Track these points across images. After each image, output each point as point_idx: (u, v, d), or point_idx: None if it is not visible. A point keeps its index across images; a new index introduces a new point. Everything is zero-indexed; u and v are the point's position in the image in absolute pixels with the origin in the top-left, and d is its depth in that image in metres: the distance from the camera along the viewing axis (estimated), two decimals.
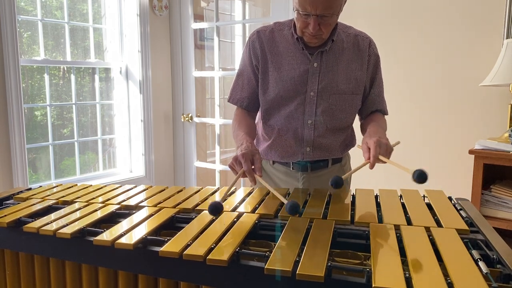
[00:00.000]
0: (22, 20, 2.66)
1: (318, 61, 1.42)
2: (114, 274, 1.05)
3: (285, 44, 1.45)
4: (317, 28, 1.30)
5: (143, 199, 1.33)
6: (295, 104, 1.45)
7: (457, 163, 2.28)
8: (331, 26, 1.33)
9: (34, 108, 2.79)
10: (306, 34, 1.35)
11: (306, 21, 1.30)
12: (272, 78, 1.46)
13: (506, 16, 2.08)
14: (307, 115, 1.45)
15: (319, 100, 1.44)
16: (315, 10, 1.26)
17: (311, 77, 1.42)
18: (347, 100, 1.46)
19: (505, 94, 2.10)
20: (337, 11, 1.30)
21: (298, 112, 1.45)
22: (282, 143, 1.50)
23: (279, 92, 1.45)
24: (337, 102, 1.45)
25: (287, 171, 1.54)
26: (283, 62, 1.45)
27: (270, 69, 1.46)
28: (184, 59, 3.28)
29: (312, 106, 1.44)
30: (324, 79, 1.42)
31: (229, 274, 0.89)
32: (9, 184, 2.50)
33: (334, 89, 1.43)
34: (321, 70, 1.42)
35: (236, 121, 1.51)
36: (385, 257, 0.84)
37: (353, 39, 1.47)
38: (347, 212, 1.13)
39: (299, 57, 1.43)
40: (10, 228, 1.18)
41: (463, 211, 1.13)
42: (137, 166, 3.24)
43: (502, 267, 0.83)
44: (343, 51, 1.44)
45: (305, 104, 1.44)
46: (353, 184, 1.68)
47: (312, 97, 1.43)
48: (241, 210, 1.19)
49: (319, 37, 1.35)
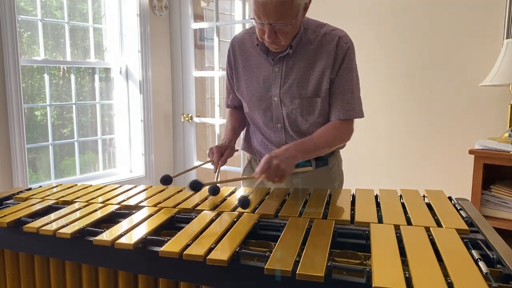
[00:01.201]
0: (22, 20, 2.66)
1: (279, 65, 1.41)
2: (114, 274, 1.05)
3: (253, 51, 1.47)
4: (273, 36, 1.28)
5: (143, 199, 1.33)
6: (263, 109, 1.47)
7: (457, 163, 2.28)
8: (289, 34, 1.30)
9: (34, 108, 2.79)
10: (264, 40, 1.34)
11: (263, 29, 1.29)
12: (244, 84, 1.50)
13: (506, 16, 2.08)
14: (275, 119, 1.47)
15: (283, 105, 1.43)
16: (268, 20, 1.24)
17: (273, 82, 1.43)
18: (310, 104, 1.41)
19: (505, 94, 2.10)
20: (291, 21, 1.26)
21: (267, 116, 1.48)
22: (261, 143, 1.56)
23: (250, 97, 1.49)
24: (300, 106, 1.42)
25: None
26: (252, 69, 1.47)
27: (241, 75, 1.51)
28: (184, 59, 3.28)
29: (278, 110, 1.45)
30: (286, 83, 1.41)
31: (229, 274, 0.89)
32: (9, 184, 2.50)
33: (295, 93, 1.41)
34: (282, 74, 1.41)
35: (228, 114, 1.68)
36: (385, 257, 0.84)
37: (320, 39, 1.39)
38: (347, 212, 1.13)
39: (263, 62, 1.44)
40: (10, 228, 1.17)
41: (463, 211, 1.13)
42: (137, 166, 3.24)
43: (502, 267, 0.83)
44: (307, 54, 1.39)
45: (272, 108, 1.46)
46: (353, 183, 1.68)
47: (276, 101, 1.44)
48: (241, 210, 1.19)
49: (278, 43, 1.33)
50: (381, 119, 2.51)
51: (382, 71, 2.48)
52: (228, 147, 1.51)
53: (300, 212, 1.14)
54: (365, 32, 2.51)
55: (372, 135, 2.54)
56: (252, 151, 1.62)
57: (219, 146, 1.49)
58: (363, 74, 2.53)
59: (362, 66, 2.53)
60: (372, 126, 2.54)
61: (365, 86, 2.53)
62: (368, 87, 2.53)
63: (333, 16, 2.59)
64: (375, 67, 2.50)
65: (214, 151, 1.48)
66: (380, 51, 2.48)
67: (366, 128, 2.55)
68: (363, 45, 2.52)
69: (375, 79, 2.51)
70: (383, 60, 2.47)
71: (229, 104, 1.68)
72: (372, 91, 2.52)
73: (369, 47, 2.51)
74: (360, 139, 2.62)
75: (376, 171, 2.54)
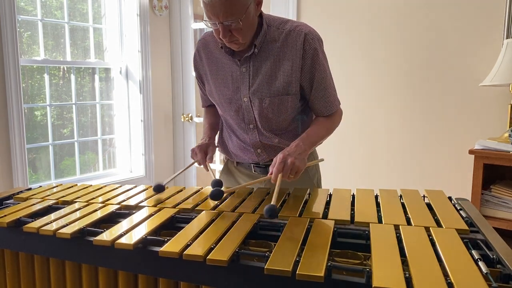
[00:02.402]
0: (22, 20, 2.66)
1: (246, 66, 1.40)
2: (114, 274, 1.05)
3: (218, 53, 1.46)
4: (228, 35, 1.27)
5: (143, 199, 1.33)
6: (234, 111, 1.46)
7: (457, 163, 2.28)
8: (244, 31, 1.28)
9: (34, 108, 2.79)
10: (223, 41, 1.32)
11: (218, 29, 1.28)
12: (213, 87, 1.49)
13: (506, 16, 2.08)
14: (247, 120, 1.46)
15: (253, 105, 1.42)
16: (217, 18, 1.23)
17: (241, 83, 1.41)
18: (280, 102, 1.40)
19: (505, 94, 2.10)
20: (241, 16, 1.23)
21: (238, 118, 1.47)
22: (236, 145, 1.54)
23: (220, 100, 1.48)
24: (271, 105, 1.40)
25: (250, 173, 1.56)
26: (219, 72, 1.46)
27: (210, 78, 1.50)
28: (184, 59, 3.28)
29: (249, 111, 1.44)
30: (254, 83, 1.40)
31: (229, 274, 0.89)
32: (9, 184, 2.50)
33: (265, 93, 1.39)
34: (250, 74, 1.40)
35: (204, 114, 1.72)
36: (385, 257, 0.84)
37: (285, 36, 1.36)
38: (347, 212, 1.13)
39: (229, 64, 1.43)
40: (10, 228, 1.17)
41: (463, 211, 1.13)
42: (137, 166, 3.24)
43: (502, 267, 0.83)
44: (272, 52, 1.37)
45: (243, 110, 1.45)
46: (353, 183, 1.68)
47: (246, 102, 1.43)
48: (241, 210, 1.19)
49: (237, 42, 1.31)
50: (381, 119, 2.51)
51: (382, 71, 2.48)
52: (209, 145, 1.52)
53: (300, 212, 1.14)
54: (364, 32, 2.51)
55: (372, 135, 2.54)
56: (228, 154, 1.60)
57: (200, 146, 1.50)
58: (363, 74, 2.54)
59: (362, 65, 2.54)
60: (372, 126, 2.54)
61: (365, 86, 2.54)
62: (368, 87, 2.54)
63: (333, 16, 2.60)
64: (374, 67, 2.50)
65: (197, 151, 1.48)
66: (379, 51, 2.48)
67: (366, 128, 2.55)
68: (363, 45, 2.52)
69: (375, 79, 2.51)
70: (383, 60, 2.47)
71: (202, 104, 1.70)
72: (372, 91, 2.52)
73: (368, 47, 2.51)
74: (360, 139, 2.63)
75: (376, 171, 2.54)
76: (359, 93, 2.55)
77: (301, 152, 1.27)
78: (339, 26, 2.57)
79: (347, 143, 2.58)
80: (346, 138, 2.58)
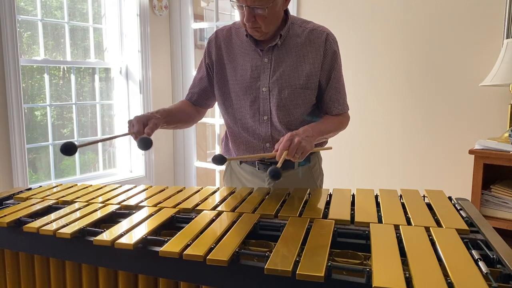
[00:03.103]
0: (22, 20, 2.66)
1: (268, 56, 1.43)
2: (114, 274, 1.05)
3: (240, 43, 1.48)
4: (252, 19, 1.32)
5: (143, 199, 1.33)
6: (250, 101, 1.47)
7: (457, 163, 2.28)
8: (268, 19, 1.33)
9: (34, 108, 2.79)
10: (246, 26, 1.36)
11: (243, 12, 1.32)
12: (229, 76, 1.49)
13: (506, 16, 2.08)
14: (262, 111, 1.47)
15: (272, 95, 1.44)
16: (245, 1, 1.28)
17: (262, 72, 1.44)
18: (299, 95, 1.44)
19: (505, 94, 2.10)
20: (268, 4, 1.29)
21: (253, 108, 1.47)
22: (243, 139, 1.53)
23: (235, 89, 1.48)
24: (289, 96, 1.44)
25: (254, 171, 1.56)
26: (238, 60, 1.47)
27: (227, 67, 1.50)
28: (184, 59, 3.28)
29: (265, 101, 1.45)
30: (275, 74, 1.43)
31: (229, 274, 0.89)
32: (9, 184, 2.50)
33: (285, 84, 1.43)
34: (272, 65, 1.43)
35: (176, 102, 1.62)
36: (385, 257, 0.84)
37: (308, 33, 1.44)
38: (347, 212, 1.13)
39: (251, 53, 1.46)
40: (10, 228, 1.17)
41: (463, 211, 1.13)
42: (137, 166, 3.24)
43: (502, 267, 0.83)
44: (296, 46, 1.43)
45: (259, 100, 1.46)
46: (353, 183, 1.68)
47: (264, 92, 1.44)
48: (241, 210, 1.19)
49: (259, 30, 1.36)
50: (381, 119, 2.51)
51: (382, 71, 2.48)
52: (151, 117, 1.33)
53: (300, 212, 1.14)
54: (364, 32, 2.51)
55: (372, 135, 2.54)
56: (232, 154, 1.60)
57: (138, 116, 1.32)
58: (363, 73, 2.54)
59: (362, 65, 2.54)
60: (372, 126, 2.54)
61: (365, 86, 2.54)
62: (368, 87, 2.54)
63: (333, 16, 2.60)
64: (374, 67, 2.50)
65: (134, 123, 1.29)
66: (379, 51, 2.48)
67: (366, 128, 2.55)
68: (363, 45, 2.52)
69: (375, 79, 2.51)
70: (382, 60, 2.47)
71: (190, 92, 1.61)
72: (372, 91, 2.52)
73: (368, 47, 2.51)
74: (360, 139, 2.63)
75: (376, 171, 2.54)
76: (359, 93, 2.55)
77: (309, 136, 1.28)
78: (339, 26, 2.57)
79: (347, 143, 2.58)
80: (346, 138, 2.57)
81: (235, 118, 1.53)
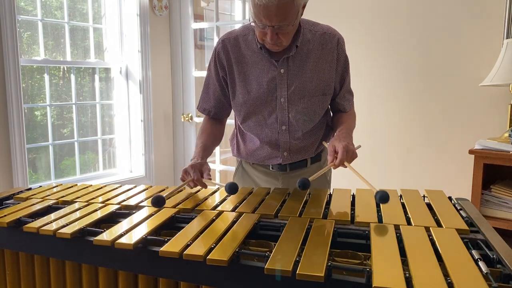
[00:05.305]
0: (22, 20, 2.66)
1: (284, 67, 1.39)
2: (114, 274, 1.05)
3: (250, 52, 1.42)
4: (275, 38, 1.27)
5: (143, 199, 1.33)
6: (267, 112, 1.44)
7: (457, 163, 2.28)
8: (289, 34, 1.30)
9: (34, 108, 2.79)
10: (266, 42, 1.33)
11: (264, 31, 1.28)
12: (240, 87, 1.44)
13: (506, 16, 2.08)
14: (280, 121, 1.44)
15: (290, 105, 1.42)
16: (270, 22, 1.22)
17: (279, 83, 1.40)
18: (318, 102, 1.44)
19: (505, 94, 2.10)
20: (293, 21, 1.25)
21: (271, 119, 1.44)
22: (259, 150, 1.50)
23: (248, 100, 1.43)
24: (308, 105, 1.42)
25: (267, 171, 1.56)
26: (250, 71, 1.42)
27: (237, 78, 1.44)
28: (184, 59, 3.28)
29: (283, 112, 1.43)
30: (293, 84, 1.40)
31: (229, 274, 0.89)
32: (9, 184, 2.50)
33: (304, 93, 1.41)
34: (289, 75, 1.40)
35: (200, 129, 1.57)
36: (385, 257, 0.84)
37: (320, 38, 1.41)
38: (347, 212, 1.13)
39: (265, 64, 1.40)
40: (10, 228, 1.17)
41: (463, 211, 1.13)
42: (137, 166, 3.24)
43: (502, 267, 0.83)
44: (310, 53, 1.40)
45: (277, 110, 1.43)
46: (354, 183, 1.69)
47: (282, 103, 1.42)
48: (241, 210, 1.19)
49: (279, 44, 1.32)
50: (381, 119, 2.51)
51: (382, 71, 2.48)
52: (203, 164, 1.38)
53: (300, 212, 1.14)
54: (364, 33, 2.51)
55: (372, 135, 2.54)
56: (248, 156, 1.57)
57: (193, 165, 1.36)
58: (363, 74, 2.54)
59: (362, 66, 2.54)
60: (372, 126, 2.54)
61: (365, 86, 2.54)
62: (368, 87, 2.53)
63: (333, 15, 2.60)
64: (375, 67, 2.50)
65: (190, 171, 1.34)
66: (380, 51, 2.48)
67: (366, 128, 2.55)
68: (363, 45, 2.52)
69: (375, 79, 2.51)
70: (383, 60, 2.47)
71: (207, 109, 1.56)
72: (372, 91, 2.52)
73: (368, 47, 2.51)
74: (360, 139, 2.62)
75: (376, 171, 2.54)
76: (359, 93, 2.54)
77: (350, 140, 1.35)
78: (339, 27, 2.56)
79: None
80: None
81: (251, 128, 1.49)
